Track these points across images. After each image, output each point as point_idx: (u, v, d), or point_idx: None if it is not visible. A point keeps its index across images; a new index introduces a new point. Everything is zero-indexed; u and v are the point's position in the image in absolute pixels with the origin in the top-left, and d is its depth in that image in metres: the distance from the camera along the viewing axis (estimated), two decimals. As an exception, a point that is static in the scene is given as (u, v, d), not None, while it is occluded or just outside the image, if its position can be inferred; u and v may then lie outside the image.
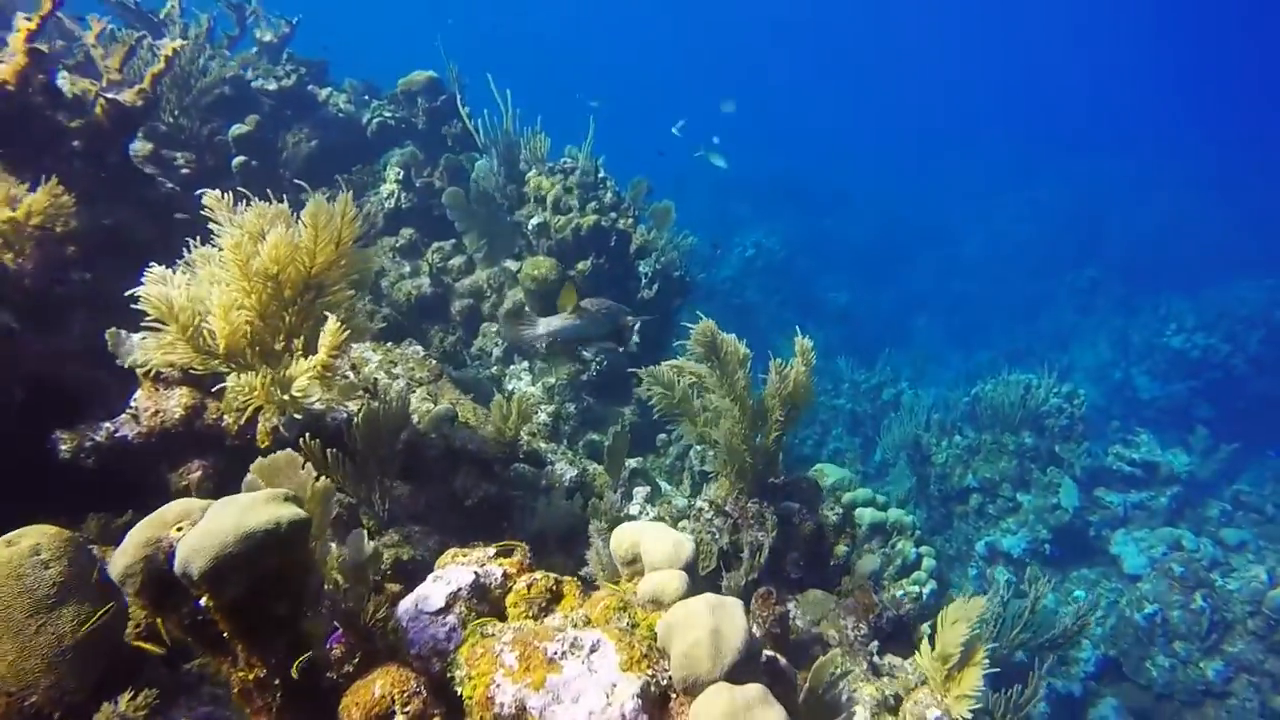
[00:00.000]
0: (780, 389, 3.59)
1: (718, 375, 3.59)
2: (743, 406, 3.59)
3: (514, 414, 3.54)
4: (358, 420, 2.95)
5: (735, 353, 3.66)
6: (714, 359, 3.59)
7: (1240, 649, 6.13)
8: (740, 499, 3.74)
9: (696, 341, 3.54)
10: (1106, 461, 8.08)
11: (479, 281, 6.11)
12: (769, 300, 15.44)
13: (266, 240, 2.69)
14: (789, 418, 3.68)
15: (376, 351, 4.04)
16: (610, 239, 5.84)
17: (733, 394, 3.57)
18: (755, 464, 3.66)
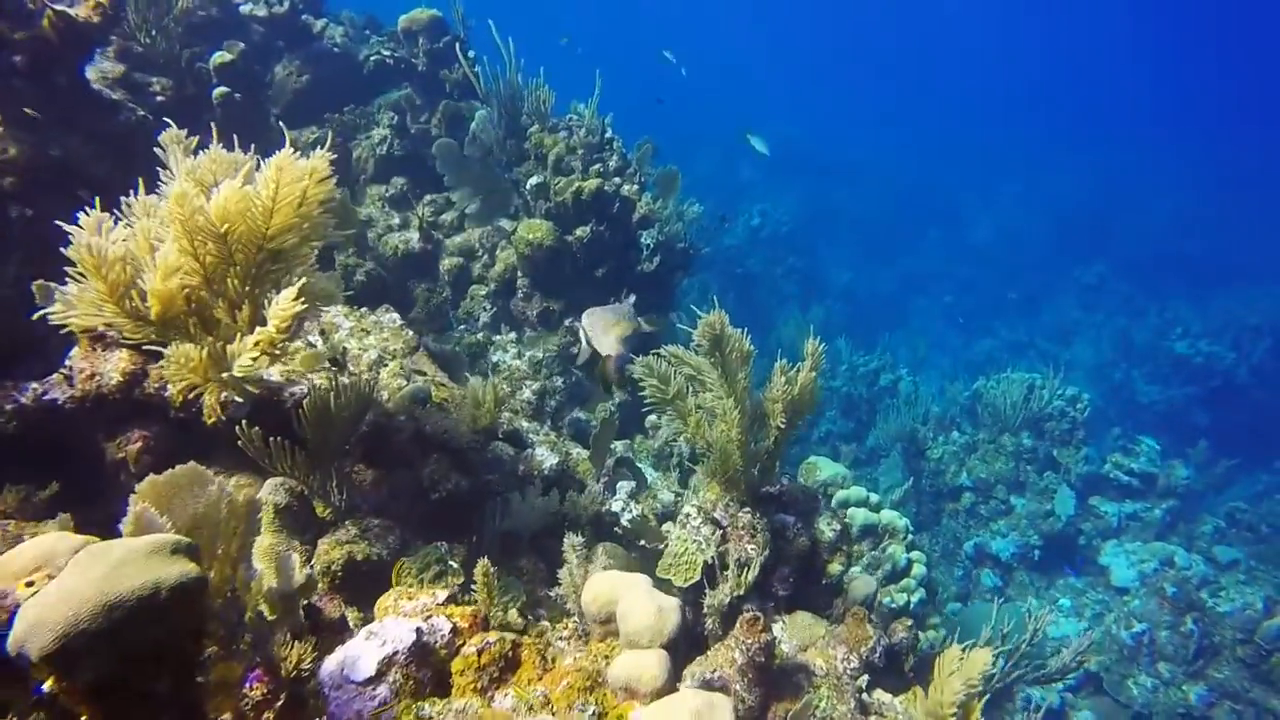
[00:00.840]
0: (784, 393, 3.25)
1: (719, 373, 3.24)
2: (742, 409, 3.24)
3: (489, 401, 3.20)
4: (304, 409, 2.59)
5: (740, 349, 3.30)
6: (717, 354, 3.23)
7: (1226, 675, 5.93)
8: (731, 507, 3.42)
9: (702, 334, 3.19)
10: (1104, 469, 7.81)
11: (471, 240, 5.71)
12: (771, 271, 15.04)
13: (217, 193, 2.31)
14: (790, 424, 3.34)
15: (349, 317, 3.67)
16: (613, 205, 5.44)
17: (733, 394, 3.22)
18: (750, 471, 3.33)
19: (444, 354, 4.08)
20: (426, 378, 3.50)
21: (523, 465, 3.95)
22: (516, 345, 5.19)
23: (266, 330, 2.34)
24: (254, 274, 2.55)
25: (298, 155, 2.57)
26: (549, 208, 5.43)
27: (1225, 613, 6.45)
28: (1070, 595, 7.18)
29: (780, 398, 3.23)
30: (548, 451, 3.99)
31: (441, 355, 4.01)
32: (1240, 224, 17.55)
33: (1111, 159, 21.96)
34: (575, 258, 5.41)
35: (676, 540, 3.40)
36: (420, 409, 3.25)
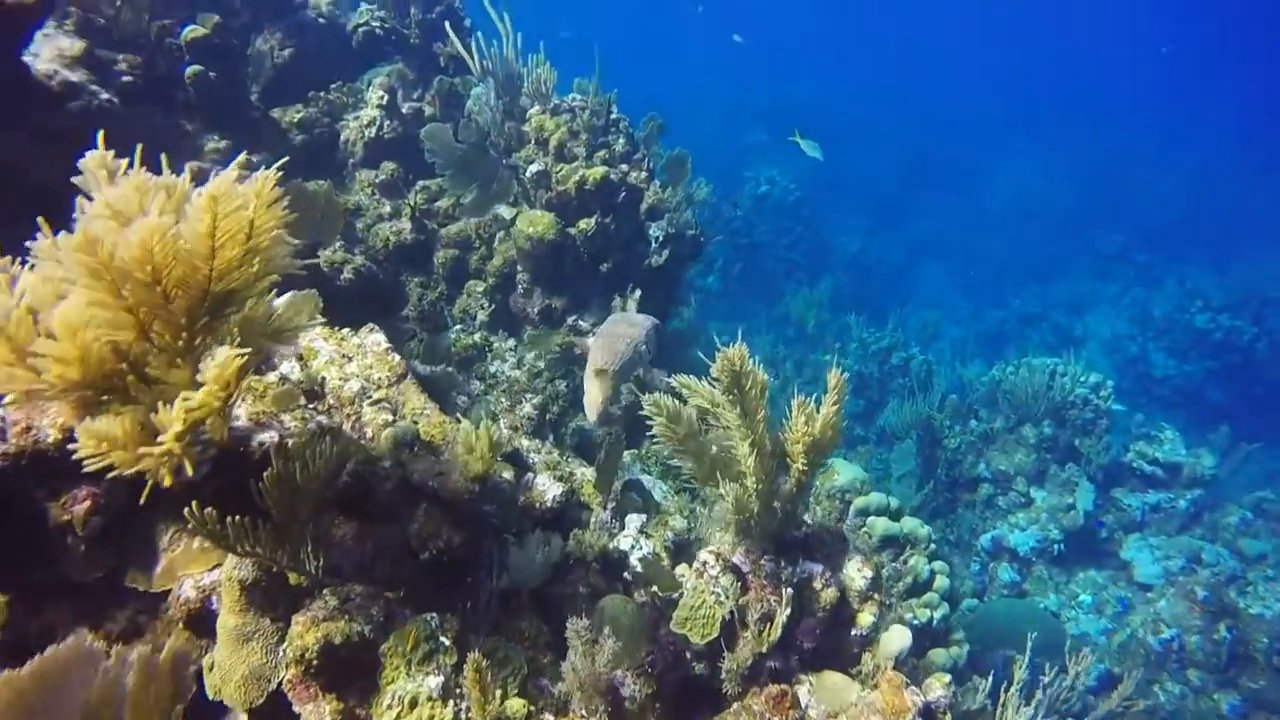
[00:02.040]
0: (805, 433, 2.85)
1: (736, 411, 2.84)
2: (761, 454, 2.85)
3: (483, 446, 2.80)
4: (266, 482, 2.19)
5: (758, 384, 2.90)
6: (735, 392, 2.83)
7: (1262, 685, 5.63)
8: (753, 553, 3.05)
9: (721, 370, 2.78)
10: (1127, 458, 7.44)
11: (467, 230, 5.26)
12: (778, 241, 14.52)
13: (132, 231, 1.88)
14: (813, 465, 2.95)
15: (329, 340, 3.25)
16: (619, 194, 4.98)
17: (751, 435, 2.82)
18: (771, 518, 2.95)
19: (433, 378, 3.67)
20: (415, 411, 3.10)
21: (522, 496, 3.57)
22: (515, 354, 4.77)
23: (199, 396, 1.93)
24: (202, 321, 2.14)
25: (243, 175, 2.14)
26: (550, 198, 4.97)
27: (1258, 615, 6.13)
28: (1091, 591, 6.87)
29: (801, 438, 2.83)
30: (550, 480, 3.61)
31: (431, 380, 3.60)
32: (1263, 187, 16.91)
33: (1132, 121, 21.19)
34: (578, 251, 4.97)
35: (693, 591, 3.04)
36: (407, 453, 2.86)
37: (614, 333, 3.53)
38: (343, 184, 5.47)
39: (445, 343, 4.95)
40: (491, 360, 4.71)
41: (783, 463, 2.99)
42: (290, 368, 3.08)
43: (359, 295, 4.70)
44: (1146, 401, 11.90)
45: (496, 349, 4.75)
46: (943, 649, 4.79)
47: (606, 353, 3.46)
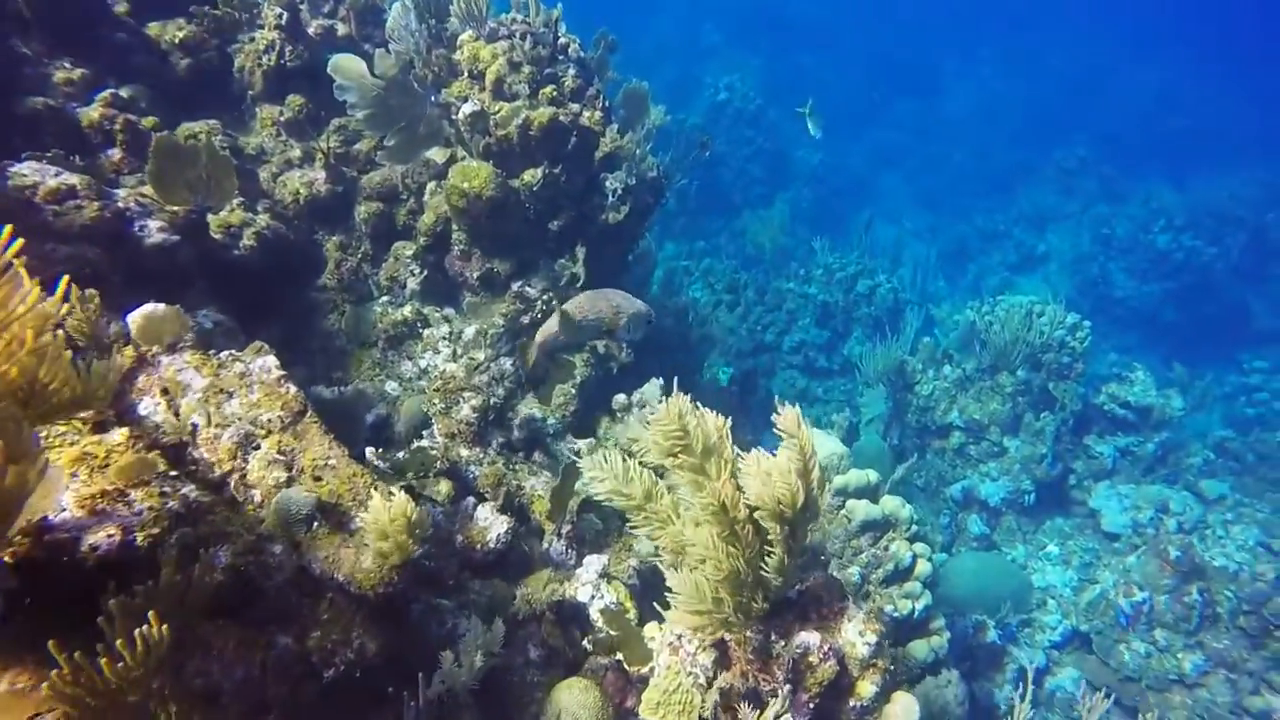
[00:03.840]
0: (773, 501, 2.24)
1: (689, 474, 2.23)
2: (729, 529, 2.24)
3: (399, 532, 2.14)
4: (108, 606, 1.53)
5: (715, 434, 2.29)
6: (684, 456, 2.22)
7: (1225, 645, 5.46)
8: (735, 629, 2.50)
9: (663, 435, 2.16)
10: (1099, 400, 7.08)
11: (392, 179, 4.42)
12: (737, 153, 13.62)
13: None
14: (796, 532, 2.37)
15: (202, 369, 2.51)
16: (570, 140, 4.17)
17: (711, 506, 2.21)
18: (755, 598, 2.38)
19: (342, 406, 2.95)
20: (316, 463, 2.42)
21: (461, 534, 2.96)
22: (449, 342, 4.04)
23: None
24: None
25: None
26: (489, 144, 4.14)
27: (1222, 567, 5.93)
28: (1058, 541, 6.62)
29: (769, 505, 2.23)
30: (492, 514, 2.99)
31: (339, 410, 2.88)
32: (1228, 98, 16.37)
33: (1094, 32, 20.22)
34: (524, 207, 4.19)
35: (667, 671, 2.50)
36: (304, 532, 2.20)
37: (602, 293, 3.49)
38: (242, 122, 4.53)
39: (371, 317, 4.20)
40: (421, 350, 3.98)
41: (760, 534, 2.40)
42: (152, 407, 2.35)
43: (264, 265, 3.89)
44: (1105, 322, 11.63)
45: (428, 337, 4.01)
46: (924, 640, 4.43)
47: (583, 305, 3.43)
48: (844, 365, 9.47)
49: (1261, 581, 5.40)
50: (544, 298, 4.32)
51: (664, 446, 2.16)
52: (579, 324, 3.57)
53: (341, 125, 4.45)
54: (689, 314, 8.04)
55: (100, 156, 3.66)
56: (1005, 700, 5.43)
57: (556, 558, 3.15)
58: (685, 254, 11.42)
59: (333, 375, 4.08)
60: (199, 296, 3.39)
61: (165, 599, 1.69)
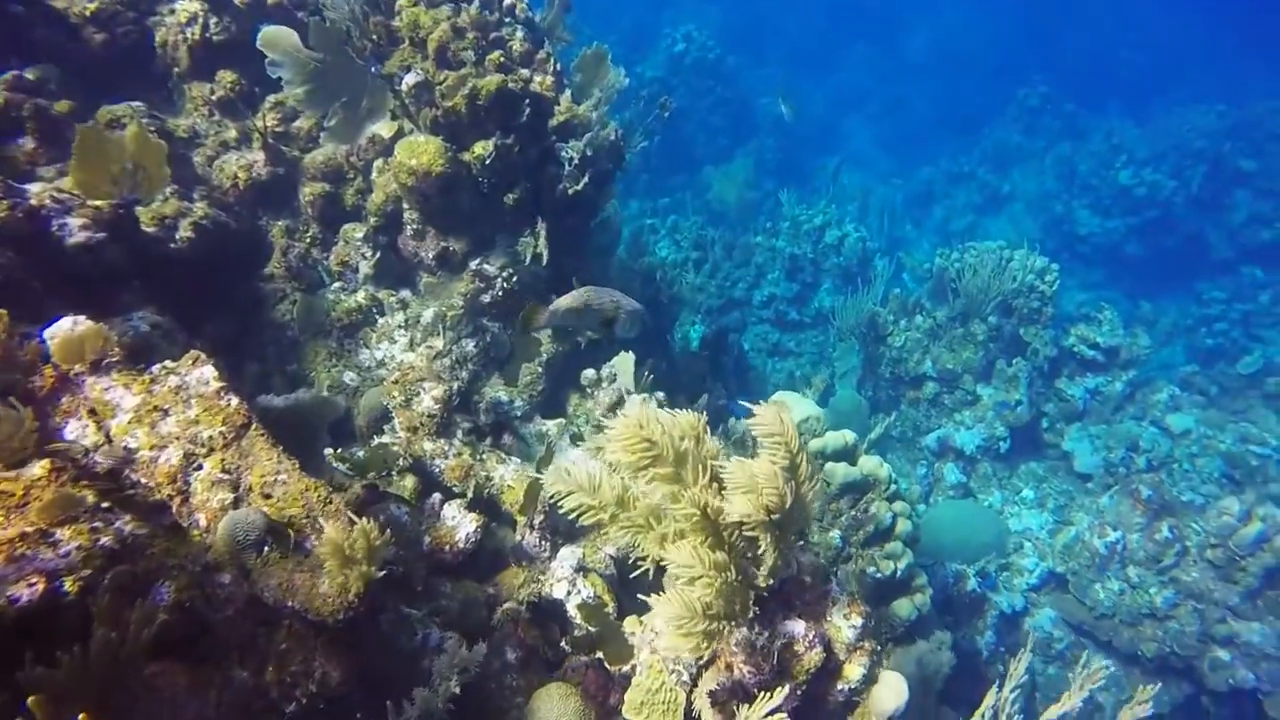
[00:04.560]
0: (763, 511, 2.11)
1: (665, 485, 2.09)
2: (706, 534, 2.11)
3: (362, 555, 1.99)
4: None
5: (692, 436, 2.14)
6: (653, 469, 2.08)
7: (1194, 578, 5.52)
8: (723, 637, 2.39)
9: (626, 450, 2.01)
10: (1068, 343, 7.04)
11: (337, 158, 4.16)
12: (698, 104, 13.27)
13: None
14: (787, 534, 2.25)
15: (133, 385, 2.30)
16: (522, 108, 3.93)
17: (693, 516, 2.08)
18: (740, 605, 2.27)
19: (297, 414, 2.75)
20: (265, 479, 2.24)
21: (429, 535, 2.81)
22: (409, 325, 3.83)
23: None
24: None
25: None
26: (436, 116, 3.88)
27: (1189, 502, 5.98)
28: (1033, 485, 6.64)
29: (759, 517, 2.10)
30: (460, 513, 2.84)
31: (293, 420, 2.68)
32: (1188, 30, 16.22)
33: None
34: (477, 182, 3.96)
35: (648, 669, 2.39)
36: (254, 557, 2.04)
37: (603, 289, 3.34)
38: (170, 103, 4.22)
39: (323, 305, 3.98)
40: (376, 340, 3.78)
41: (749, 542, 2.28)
42: (80, 431, 2.16)
43: (205, 256, 3.65)
44: (1068, 259, 11.63)
45: (383, 327, 3.81)
46: (906, 599, 4.40)
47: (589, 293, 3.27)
48: (815, 317, 9.37)
49: (1228, 515, 5.44)
50: (504, 275, 4.13)
51: (630, 462, 2.01)
52: (586, 306, 3.40)
53: (278, 102, 4.16)
54: (657, 275, 7.88)
55: (9, 148, 3.37)
56: (986, 646, 5.48)
57: (530, 550, 3.02)
58: (650, 211, 11.17)
59: (286, 369, 3.87)
60: (133, 297, 3.15)
61: (99, 661, 1.53)
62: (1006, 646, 5.80)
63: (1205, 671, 5.36)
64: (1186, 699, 5.64)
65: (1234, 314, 10.72)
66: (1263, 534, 5.34)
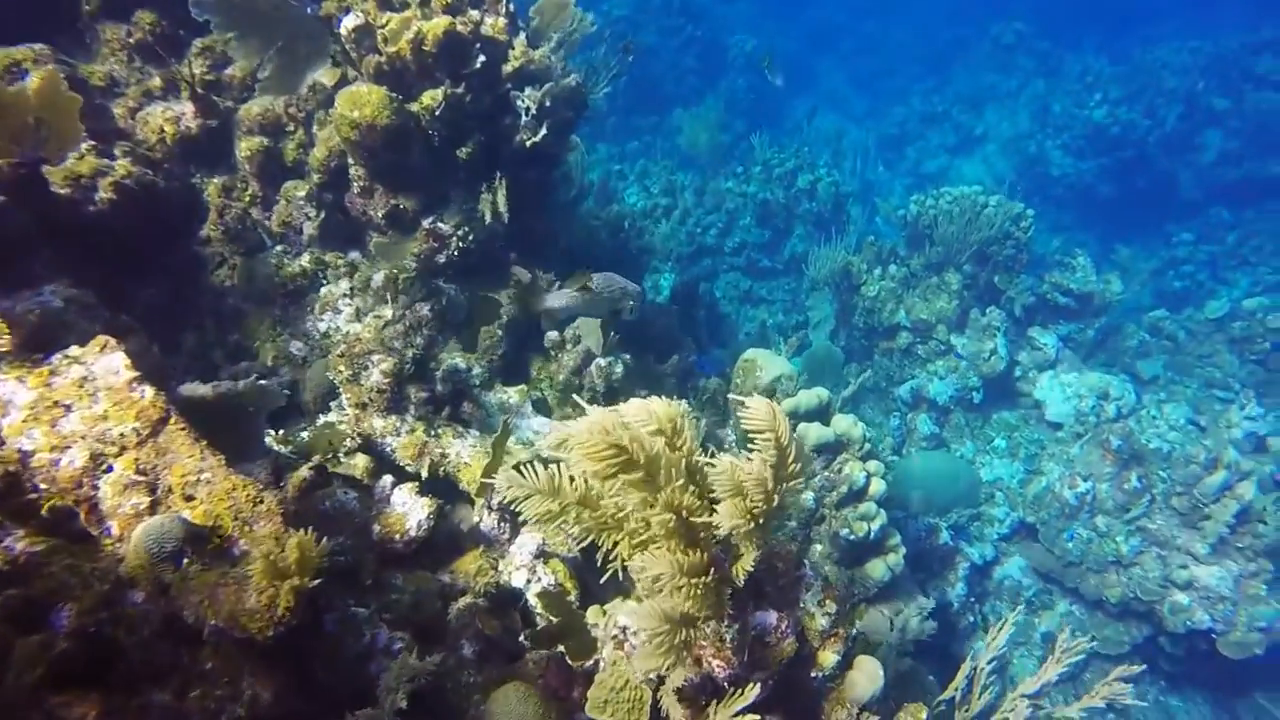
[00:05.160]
0: (747, 517, 1.94)
1: (636, 492, 1.90)
2: (682, 539, 1.94)
3: (292, 561, 1.79)
4: None
5: (670, 428, 1.96)
6: (622, 474, 1.88)
7: (1159, 525, 5.53)
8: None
9: (592, 459, 1.81)
10: (1042, 289, 6.92)
11: (275, 109, 3.81)
12: (668, 44, 12.77)
13: None
14: (768, 530, 2.09)
15: (29, 378, 2.03)
16: (473, 54, 3.61)
17: (668, 524, 1.90)
18: (716, 606, 2.11)
19: (230, 404, 2.47)
20: (187, 478, 2.01)
21: (378, 523, 2.62)
22: (358, 290, 3.56)
23: None
24: None
25: None
26: (380, 63, 3.55)
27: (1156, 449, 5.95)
28: (1005, 434, 6.59)
29: (744, 525, 1.93)
30: (411, 497, 2.65)
31: (224, 409, 2.41)
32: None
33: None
34: (427, 135, 3.66)
35: (612, 667, 2.25)
36: (172, 570, 1.83)
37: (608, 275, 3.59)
38: (83, 46, 3.83)
39: (266, 269, 3.70)
40: (320, 310, 3.51)
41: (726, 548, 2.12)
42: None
43: (130, 220, 3.34)
44: (1041, 201, 11.46)
45: (326, 296, 3.53)
46: (879, 560, 4.32)
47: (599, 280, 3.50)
48: (788, 264, 9.17)
49: (1194, 463, 5.41)
50: (459, 233, 3.86)
51: (597, 470, 1.82)
52: (596, 295, 3.59)
53: (207, 47, 3.79)
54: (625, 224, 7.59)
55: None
56: (958, 598, 5.47)
57: (489, 533, 2.85)
58: (618, 156, 10.80)
59: (228, 339, 3.61)
60: (44, 268, 2.85)
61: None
62: (977, 596, 5.82)
63: (1165, 615, 5.40)
64: (1145, 639, 5.71)
65: (1201, 256, 10.69)
66: (1226, 482, 5.33)
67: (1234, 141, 11.48)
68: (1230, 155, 11.41)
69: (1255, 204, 11.07)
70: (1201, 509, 5.45)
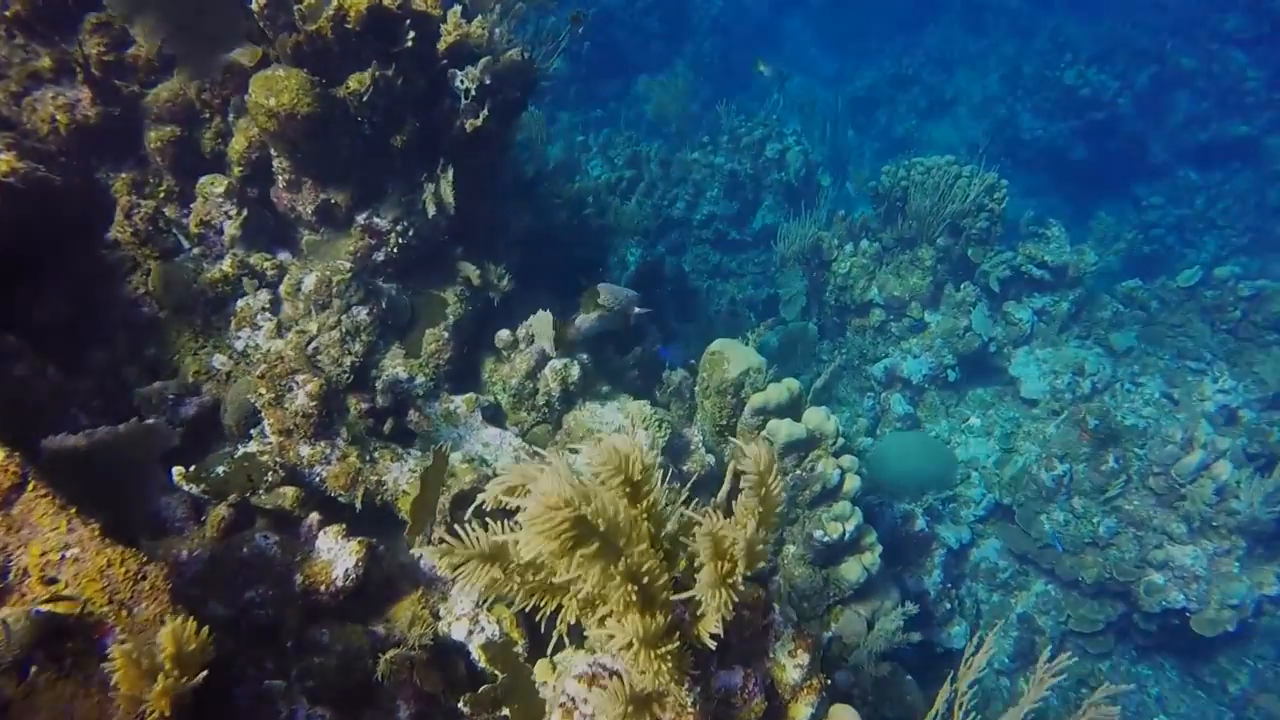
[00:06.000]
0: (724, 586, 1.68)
1: (597, 564, 1.62)
2: (643, 608, 1.68)
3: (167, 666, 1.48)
4: None
5: (639, 475, 1.68)
6: (580, 546, 1.60)
7: (1136, 505, 5.39)
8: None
9: (547, 534, 1.52)
10: (1016, 262, 6.68)
11: (186, 94, 3.40)
12: (630, 6, 12.20)
13: None
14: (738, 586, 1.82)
15: None
16: (403, 30, 3.22)
17: (628, 598, 1.63)
18: (677, 674, 1.85)
19: (105, 451, 2.11)
20: (45, 558, 1.69)
21: (299, 574, 2.32)
22: (292, 294, 3.20)
23: None
24: None
25: None
26: (298, 42, 3.15)
27: (1132, 426, 5.81)
28: (980, 412, 6.40)
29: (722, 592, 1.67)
30: (338, 542, 2.35)
31: (100, 458, 2.06)
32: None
33: None
34: (356, 122, 3.28)
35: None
36: (14, 684, 1.52)
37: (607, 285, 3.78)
38: (-38, 26, 3.37)
39: (183, 275, 3.32)
40: (237, 328, 3.15)
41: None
42: None
43: (20, 222, 2.95)
44: (1012, 165, 11.20)
45: (243, 310, 3.17)
46: (855, 560, 4.11)
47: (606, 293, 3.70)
48: (757, 236, 8.85)
49: (1171, 443, 5.26)
50: (398, 229, 3.51)
51: (554, 550, 1.53)
52: (612, 310, 3.74)
53: (103, 23, 3.35)
54: (588, 200, 7.22)
55: None
56: (934, 586, 5.31)
57: (429, 571, 2.56)
58: (581, 126, 10.33)
59: (144, 353, 3.24)
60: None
61: None
62: (953, 580, 5.67)
63: (1141, 595, 5.29)
64: (1120, 616, 5.61)
65: (1170, 219, 10.56)
66: (1203, 462, 5.19)
67: (1202, 103, 11.29)
68: (1198, 117, 11.24)
69: (1222, 165, 10.93)
70: (1178, 490, 5.31)
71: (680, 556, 2.01)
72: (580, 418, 3.72)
